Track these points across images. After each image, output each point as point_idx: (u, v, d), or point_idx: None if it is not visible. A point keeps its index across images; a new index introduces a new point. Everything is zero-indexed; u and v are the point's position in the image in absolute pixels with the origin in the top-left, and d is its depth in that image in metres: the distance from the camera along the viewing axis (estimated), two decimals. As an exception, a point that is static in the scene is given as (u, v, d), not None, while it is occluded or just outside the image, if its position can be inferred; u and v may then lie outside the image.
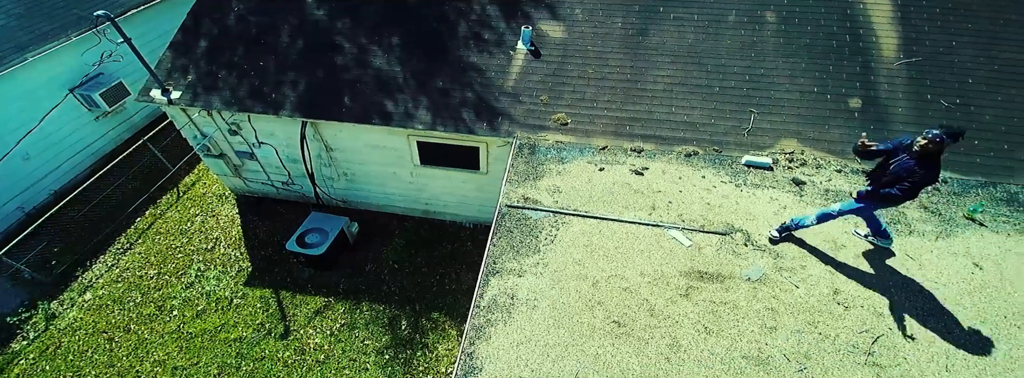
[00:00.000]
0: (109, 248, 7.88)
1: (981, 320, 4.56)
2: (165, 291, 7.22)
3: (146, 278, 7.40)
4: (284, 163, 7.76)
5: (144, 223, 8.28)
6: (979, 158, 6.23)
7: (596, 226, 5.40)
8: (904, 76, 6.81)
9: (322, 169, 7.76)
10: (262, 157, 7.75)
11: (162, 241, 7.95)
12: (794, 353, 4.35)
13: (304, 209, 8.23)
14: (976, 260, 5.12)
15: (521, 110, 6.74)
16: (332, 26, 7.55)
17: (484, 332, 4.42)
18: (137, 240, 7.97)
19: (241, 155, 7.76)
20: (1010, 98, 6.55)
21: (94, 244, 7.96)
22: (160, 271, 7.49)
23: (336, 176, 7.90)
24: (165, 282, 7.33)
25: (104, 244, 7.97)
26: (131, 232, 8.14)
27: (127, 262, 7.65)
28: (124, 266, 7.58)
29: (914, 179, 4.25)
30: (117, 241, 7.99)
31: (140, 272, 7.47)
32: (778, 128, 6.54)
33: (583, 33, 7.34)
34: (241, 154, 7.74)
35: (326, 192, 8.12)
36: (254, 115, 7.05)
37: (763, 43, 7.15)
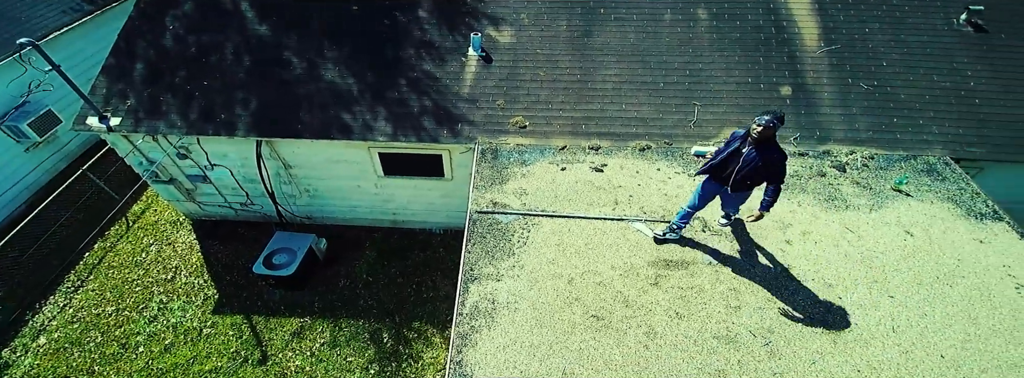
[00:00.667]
0: (59, 287, 7.37)
1: (917, 282, 5.01)
2: (127, 328, 6.84)
3: (104, 316, 6.98)
4: (241, 184, 7.48)
5: (94, 258, 7.78)
6: (899, 134, 6.79)
7: (565, 225, 5.54)
8: (826, 63, 7.30)
9: (282, 187, 7.55)
10: (216, 179, 7.44)
11: (116, 275, 7.50)
12: (759, 329, 4.64)
13: (267, 229, 7.97)
14: (907, 228, 5.60)
15: (480, 115, 6.79)
16: (278, 41, 7.33)
17: (470, 339, 4.48)
18: (88, 276, 7.49)
19: (193, 179, 7.43)
20: (920, 77, 7.16)
21: (42, 285, 7.42)
22: (118, 307, 7.08)
23: (298, 193, 7.70)
24: (126, 318, 6.94)
25: (52, 284, 7.44)
26: (81, 268, 7.64)
27: (81, 301, 7.18)
28: (78, 305, 7.11)
29: (774, 162, 4.34)
30: (66, 279, 7.48)
31: (97, 310, 7.03)
32: (720, 118, 6.89)
33: (531, 37, 7.46)
34: (193, 178, 7.41)
35: (289, 210, 7.90)
36: (204, 137, 6.77)
37: (698, 39, 7.49)
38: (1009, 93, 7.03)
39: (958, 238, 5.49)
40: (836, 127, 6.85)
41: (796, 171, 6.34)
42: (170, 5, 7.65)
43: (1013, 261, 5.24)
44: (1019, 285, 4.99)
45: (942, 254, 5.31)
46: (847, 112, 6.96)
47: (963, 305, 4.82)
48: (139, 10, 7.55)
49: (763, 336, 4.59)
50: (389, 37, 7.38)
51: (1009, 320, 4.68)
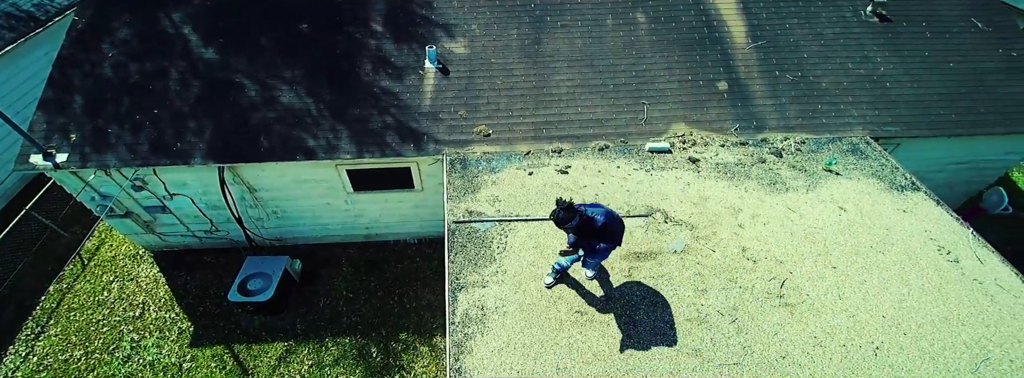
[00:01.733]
0: (17, 336, 6.88)
1: (855, 253, 5.54)
2: (100, 370, 6.48)
3: (73, 360, 6.59)
4: (204, 211, 7.24)
5: (50, 301, 7.30)
6: (824, 119, 7.40)
7: (540, 227, 5.75)
8: (755, 58, 7.85)
9: (248, 211, 7.36)
10: (177, 209, 7.17)
11: (79, 317, 7.08)
12: (725, 308, 5.02)
13: (236, 255, 7.75)
14: (840, 204, 6.16)
15: (443, 127, 6.88)
16: (227, 64, 7.13)
17: (465, 346, 4.62)
18: (48, 322, 7.03)
19: (152, 210, 7.12)
20: (837, 66, 7.81)
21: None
22: (87, 350, 6.70)
23: (265, 216, 7.52)
24: (97, 361, 6.58)
25: (8, 333, 6.94)
26: (38, 314, 7.15)
27: (44, 347, 6.74)
28: (42, 352, 6.67)
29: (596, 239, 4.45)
30: (24, 327, 6.99)
31: (64, 355, 6.63)
32: (668, 115, 7.29)
33: (484, 47, 7.60)
34: (151, 209, 7.11)
35: (257, 233, 7.70)
36: (161, 167, 6.51)
37: (639, 41, 7.86)
38: (913, 76, 7.80)
39: (884, 210, 6.10)
40: (769, 116, 7.39)
41: (740, 160, 6.81)
42: (105, 32, 7.27)
43: (932, 226, 5.88)
44: (940, 247, 5.62)
45: (873, 225, 5.89)
46: (777, 102, 7.52)
47: (896, 269, 5.38)
48: (72, 39, 7.13)
49: (729, 314, 4.97)
50: (343, 54, 7.33)
51: (936, 279, 5.28)
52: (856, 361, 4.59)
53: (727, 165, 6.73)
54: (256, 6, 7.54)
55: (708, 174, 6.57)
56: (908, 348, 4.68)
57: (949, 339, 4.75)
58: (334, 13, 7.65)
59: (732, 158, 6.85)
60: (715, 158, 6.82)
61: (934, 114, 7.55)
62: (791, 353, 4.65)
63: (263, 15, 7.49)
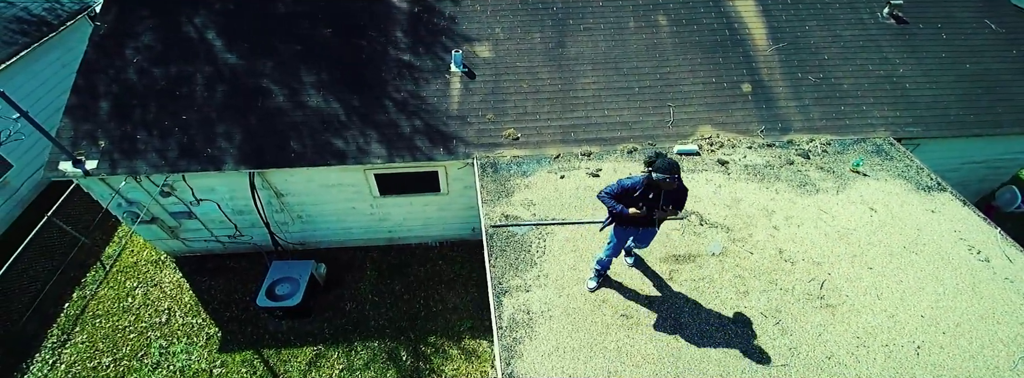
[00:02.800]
0: (43, 344, 6.81)
1: (889, 253, 5.62)
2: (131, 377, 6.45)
3: (101, 368, 6.52)
4: (229, 216, 7.20)
5: (74, 308, 7.23)
6: (847, 120, 7.49)
7: (577, 231, 5.77)
8: (777, 60, 7.92)
9: (274, 215, 7.33)
10: (202, 214, 7.13)
11: (104, 324, 7.02)
12: (768, 310, 5.07)
13: (258, 259, 7.72)
14: (870, 205, 6.24)
15: (472, 131, 6.90)
16: (252, 69, 7.10)
17: (515, 351, 4.63)
18: (74, 329, 6.96)
19: (177, 216, 7.08)
20: (857, 68, 7.90)
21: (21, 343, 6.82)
22: (115, 357, 6.64)
23: (290, 220, 7.50)
24: (127, 368, 6.52)
25: (34, 340, 6.87)
26: (62, 321, 7.08)
27: (71, 355, 6.67)
28: (69, 360, 6.60)
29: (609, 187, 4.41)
30: (49, 334, 6.92)
31: (92, 363, 6.57)
32: (694, 117, 7.35)
33: (508, 50, 7.62)
34: (177, 215, 7.06)
35: (281, 237, 7.67)
36: (191, 174, 6.47)
37: (662, 44, 7.92)
38: (930, 77, 7.91)
39: (913, 210, 6.18)
40: (794, 118, 7.46)
41: (768, 161, 6.88)
42: (128, 37, 7.22)
43: (961, 226, 5.97)
44: (970, 246, 5.71)
45: (904, 226, 5.97)
46: (801, 104, 7.60)
47: (930, 269, 5.46)
48: (95, 44, 7.08)
49: (773, 316, 5.02)
50: (368, 58, 7.32)
51: (969, 278, 5.36)
52: (899, 360, 4.65)
53: (756, 167, 6.79)
54: (277, 11, 7.52)
55: (738, 176, 6.63)
56: (948, 347, 4.75)
57: (987, 337, 4.82)
58: (356, 18, 7.64)
59: (760, 160, 6.91)
60: (743, 160, 6.88)
61: (953, 114, 7.66)
62: (836, 354, 4.70)
63: (285, 20, 7.47)
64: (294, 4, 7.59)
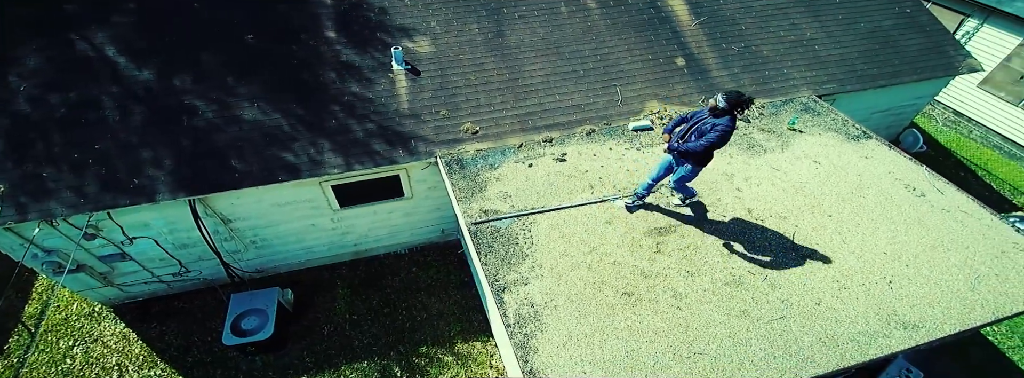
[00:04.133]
0: (-36, 432, 5.59)
1: (840, 200, 5.88)
2: (87, 449, 5.43)
3: (49, 446, 5.46)
4: (170, 252, 6.28)
5: (-3, 383, 6.01)
6: (773, 84, 7.81)
7: (558, 217, 5.55)
8: (702, 33, 8.10)
9: (223, 245, 6.48)
10: (138, 254, 6.15)
11: (40, 394, 5.89)
12: (754, 267, 5.12)
13: (211, 295, 6.81)
14: (813, 158, 6.52)
15: (429, 128, 6.45)
16: (170, 86, 6.19)
17: (529, 347, 4.34)
18: (2, 407, 5.79)
19: (108, 259, 6.05)
20: (771, 35, 8.26)
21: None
22: (63, 429, 5.59)
23: (243, 248, 6.66)
24: (80, 439, 5.50)
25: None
26: (-16, 401, 5.86)
27: (5, 437, 5.53)
28: (4, 444, 5.47)
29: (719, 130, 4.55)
30: (-29, 419, 5.70)
31: (35, 442, 5.48)
32: (640, 94, 7.34)
33: (449, 43, 7.21)
34: (108, 258, 6.04)
35: (236, 268, 6.81)
36: (118, 210, 5.53)
37: (596, 26, 7.84)
38: (834, 38, 8.43)
39: (850, 159, 6.54)
40: (728, 86, 7.66)
41: (715, 128, 6.99)
42: (7, 63, 6.03)
43: (893, 167, 6.39)
44: (906, 185, 6.11)
45: (846, 174, 6.29)
46: (731, 72, 7.82)
47: (879, 210, 5.78)
48: (-34, 74, 5.84)
49: (760, 273, 5.08)
50: (302, 63, 6.62)
51: (913, 213, 5.73)
52: (877, 296, 4.86)
53: (706, 135, 6.87)
54: (190, 21, 6.60)
55: (692, 145, 6.67)
56: (915, 277, 5.03)
57: (943, 264, 5.17)
58: (279, 21, 6.89)
59: (708, 128, 7.00)
60: (693, 130, 6.94)
61: (859, 69, 8.22)
62: (823, 299, 4.83)
63: (200, 30, 6.58)
64: (206, 12, 6.69)
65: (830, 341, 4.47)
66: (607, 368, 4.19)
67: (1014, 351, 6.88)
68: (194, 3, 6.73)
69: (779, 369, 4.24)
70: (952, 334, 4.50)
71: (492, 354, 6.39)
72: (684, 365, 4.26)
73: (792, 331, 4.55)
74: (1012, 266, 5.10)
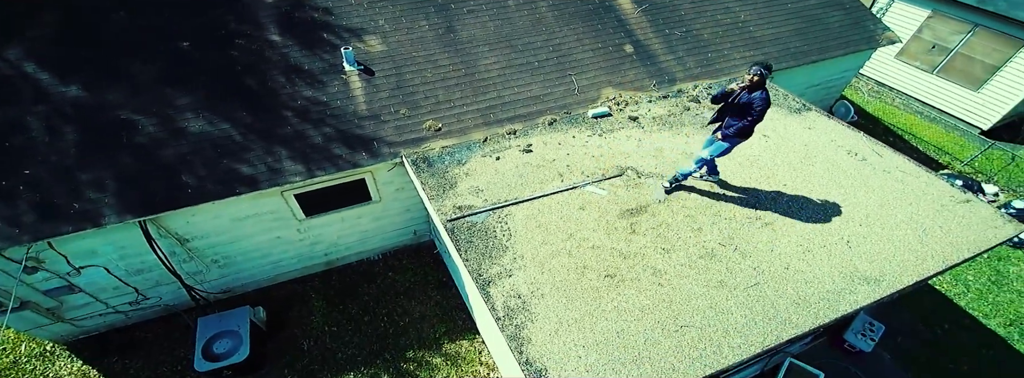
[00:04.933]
0: None
1: (792, 169, 6.12)
2: None
3: None
4: (124, 280, 5.76)
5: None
6: (716, 65, 8.02)
7: (532, 207, 5.48)
8: (644, 20, 8.23)
9: (182, 266, 6.01)
10: (88, 284, 5.60)
11: (-10, 448, 5.26)
12: (724, 239, 5.24)
13: (176, 321, 6.31)
14: (762, 132, 6.71)
15: (390, 129, 6.22)
16: (103, 102, 5.66)
17: (522, 337, 4.25)
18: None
19: (55, 293, 5.48)
20: (709, 18, 8.50)
21: None
22: None
23: (204, 268, 6.20)
24: None
25: None
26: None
27: None
28: None
29: (757, 108, 4.70)
30: None
31: None
32: (595, 82, 7.37)
33: (400, 41, 6.97)
34: (54, 292, 5.47)
35: (200, 290, 6.33)
36: (59, 239, 5.00)
37: (545, 18, 7.80)
38: (766, 19, 8.78)
39: (795, 130, 6.82)
40: (675, 70, 7.83)
41: (669, 111, 7.14)
42: (-93, 87, 5.33)
43: (834, 136, 6.71)
44: (848, 151, 6.43)
45: (793, 144, 6.55)
46: (677, 56, 7.99)
47: (827, 176, 6.05)
48: None
49: (730, 244, 5.20)
50: (246, 69, 6.21)
51: (858, 176, 6.03)
52: (839, 256, 5.08)
53: (662, 117, 7.00)
54: (116, 30, 6.05)
55: (651, 128, 6.79)
56: (869, 236, 5.30)
57: (891, 221, 5.47)
58: (217, 27, 6.43)
59: (663, 111, 7.14)
60: (649, 113, 7.06)
61: (792, 47, 8.59)
62: (791, 263, 5.00)
63: (129, 39, 6.04)
64: (133, 20, 6.15)
65: (803, 302, 4.63)
66: (601, 350, 4.17)
67: (960, 297, 7.42)
68: (120, 11, 6.18)
69: (761, 333, 4.35)
70: (910, 285, 4.77)
71: (480, 351, 6.26)
72: (673, 339, 4.30)
73: (767, 296, 4.68)
74: (952, 217, 5.46)
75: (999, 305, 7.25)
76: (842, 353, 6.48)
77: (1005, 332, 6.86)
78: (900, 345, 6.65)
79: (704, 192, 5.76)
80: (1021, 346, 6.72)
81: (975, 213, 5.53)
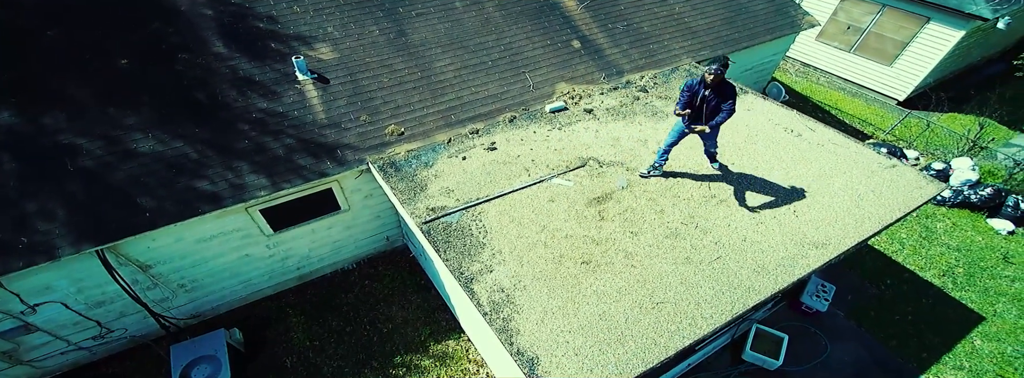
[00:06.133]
0: None
1: (738, 149, 6.51)
2: None
3: None
4: (84, 314, 5.42)
5: None
6: (658, 55, 8.38)
7: (504, 203, 5.57)
8: (587, 17, 8.48)
9: (147, 294, 5.71)
10: (46, 322, 5.23)
11: None
12: (685, 218, 5.54)
13: (146, 352, 5.98)
14: (709, 116, 7.11)
15: (353, 136, 6.14)
16: (40, 127, 5.28)
17: (510, 329, 4.35)
18: None
19: (9, 334, 5.08)
20: (646, 12, 8.85)
21: None
22: None
23: (171, 294, 5.91)
24: None
25: None
26: None
27: None
28: None
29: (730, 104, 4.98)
30: None
31: None
32: (548, 78, 7.54)
33: (352, 47, 6.88)
34: (9, 333, 5.06)
35: (168, 317, 6.03)
36: (11, 276, 4.65)
37: (493, 18, 7.90)
38: (698, 10, 9.23)
39: (737, 113, 7.23)
40: (622, 62, 8.12)
41: (621, 102, 7.41)
42: None
43: (771, 116, 7.18)
44: (785, 128, 6.91)
45: (737, 126, 6.96)
46: (621, 49, 8.29)
47: (770, 152, 6.48)
48: None
49: (690, 223, 5.50)
50: (193, 83, 5.95)
51: (796, 151, 6.50)
52: (788, 225, 5.48)
53: (614, 108, 7.26)
54: (46, 50, 5.64)
55: (606, 119, 7.03)
56: (813, 204, 5.74)
57: (831, 189, 5.94)
58: (156, 41, 6.11)
59: (615, 102, 7.41)
60: (603, 105, 7.30)
61: (724, 35, 9.09)
62: (748, 236, 5.35)
63: (62, 59, 5.65)
64: (63, 38, 5.75)
65: (762, 270, 4.97)
66: (586, 333, 4.34)
67: (897, 254, 8.11)
68: (47, 30, 5.77)
69: (729, 302, 4.65)
70: (853, 246, 5.21)
71: (467, 349, 6.31)
72: (651, 315, 4.52)
73: (730, 268, 4.99)
74: (882, 182, 5.99)
75: (931, 258, 8.00)
76: (801, 315, 6.98)
77: (940, 282, 7.59)
78: (850, 302, 7.24)
79: (661, 177, 6.04)
80: (955, 293, 7.46)
81: (902, 176, 6.09)
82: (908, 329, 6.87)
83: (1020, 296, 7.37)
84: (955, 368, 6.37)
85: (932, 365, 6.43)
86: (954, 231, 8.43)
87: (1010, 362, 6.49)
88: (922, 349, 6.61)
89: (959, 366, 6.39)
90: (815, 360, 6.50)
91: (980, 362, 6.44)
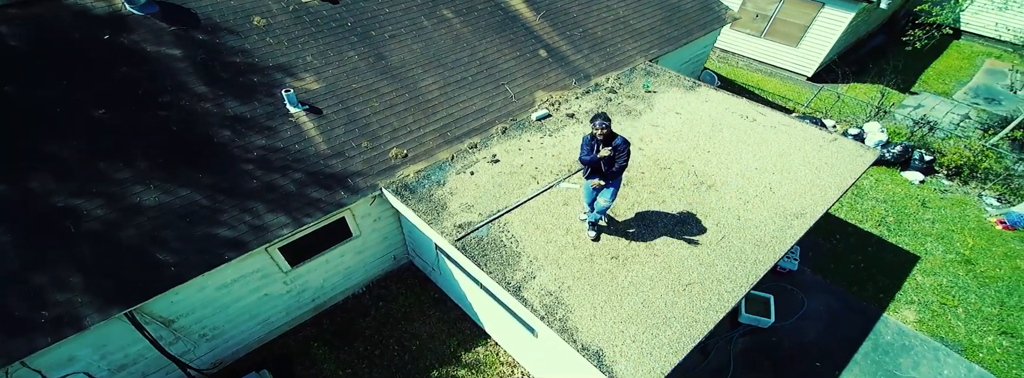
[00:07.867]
0: None
1: (708, 137, 7.23)
2: None
3: None
4: None
5: None
6: (616, 58, 8.99)
7: (525, 212, 5.87)
8: (546, 26, 8.91)
9: (169, 349, 5.40)
10: (66, 397, 4.84)
11: None
12: (684, 206, 6.12)
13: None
14: (675, 111, 7.81)
15: (359, 163, 6.15)
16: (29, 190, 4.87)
17: (569, 328, 4.68)
18: None
19: (27, 418, 4.64)
20: (596, 18, 9.43)
21: None
22: None
23: (193, 345, 5.62)
24: None
25: None
26: None
27: None
28: None
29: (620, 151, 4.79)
30: None
31: None
32: (526, 88, 7.89)
33: (335, 75, 6.82)
34: (27, 417, 4.63)
35: (194, 367, 5.70)
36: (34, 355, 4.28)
37: (462, 34, 8.11)
38: (638, 13, 9.96)
39: (696, 104, 7.99)
40: (586, 66, 8.64)
41: (597, 104, 7.91)
42: None
43: (726, 104, 7.99)
44: (740, 115, 7.73)
45: (700, 117, 7.70)
46: (584, 55, 8.81)
47: (734, 139, 7.25)
48: None
49: (690, 208, 6.10)
50: (183, 128, 5.68)
51: (755, 135, 7.31)
52: (769, 201, 6.23)
53: (592, 110, 7.75)
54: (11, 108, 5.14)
55: (585, 121, 7.49)
56: (783, 181, 6.54)
57: (792, 164, 6.79)
58: (130, 86, 5.76)
59: (591, 105, 7.90)
60: (582, 109, 7.77)
61: (666, 34, 9.89)
62: (741, 214, 6.04)
63: (31, 116, 5.18)
64: (27, 93, 5.26)
65: (761, 244, 5.66)
66: (636, 321, 4.77)
67: (838, 211, 9.29)
68: (4, 86, 5.25)
69: (744, 275, 5.27)
70: (824, 213, 6.05)
71: (498, 353, 6.55)
72: (684, 297, 5.04)
73: (735, 245, 5.64)
74: (830, 154, 6.94)
75: (866, 211, 9.29)
76: (777, 276, 7.89)
77: (878, 231, 8.84)
78: (812, 259, 8.27)
79: (654, 170, 6.60)
80: (891, 239, 8.73)
81: (844, 148, 7.08)
82: (862, 275, 8.00)
83: (941, 234, 8.80)
84: (908, 302, 7.55)
85: (889, 302, 7.56)
86: (878, 186, 9.83)
87: (948, 291, 7.79)
88: (878, 290, 7.74)
89: (910, 301, 7.58)
90: (798, 313, 7.41)
91: (925, 295, 7.67)
